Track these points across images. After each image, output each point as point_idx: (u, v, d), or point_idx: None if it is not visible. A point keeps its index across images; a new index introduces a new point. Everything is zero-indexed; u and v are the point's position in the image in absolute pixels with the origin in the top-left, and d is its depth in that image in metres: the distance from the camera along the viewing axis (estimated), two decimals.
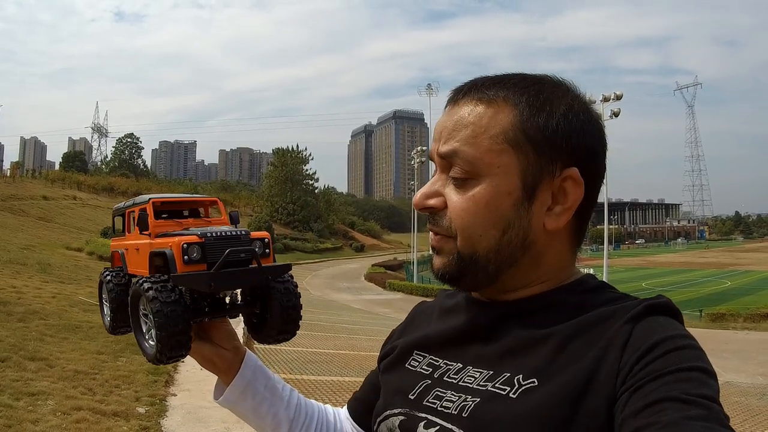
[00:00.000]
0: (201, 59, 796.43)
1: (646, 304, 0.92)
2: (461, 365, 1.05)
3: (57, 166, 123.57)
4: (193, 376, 9.11)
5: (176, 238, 1.28)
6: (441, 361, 1.09)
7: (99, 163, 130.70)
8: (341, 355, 13.88)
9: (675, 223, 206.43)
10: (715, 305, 30.86)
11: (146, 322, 1.31)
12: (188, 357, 1.29)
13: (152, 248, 1.35)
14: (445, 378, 1.05)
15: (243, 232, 1.35)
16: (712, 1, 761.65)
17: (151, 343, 1.29)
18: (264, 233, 1.39)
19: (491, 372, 0.98)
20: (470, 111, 1.00)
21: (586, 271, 1.17)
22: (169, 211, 1.50)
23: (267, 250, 1.36)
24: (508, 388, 0.93)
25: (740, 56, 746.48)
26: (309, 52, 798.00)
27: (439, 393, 1.03)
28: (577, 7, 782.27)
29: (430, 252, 1.11)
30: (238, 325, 1.46)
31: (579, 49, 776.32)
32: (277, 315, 1.38)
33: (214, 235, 1.30)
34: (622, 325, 0.90)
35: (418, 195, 1.05)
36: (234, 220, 1.52)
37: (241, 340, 1.39)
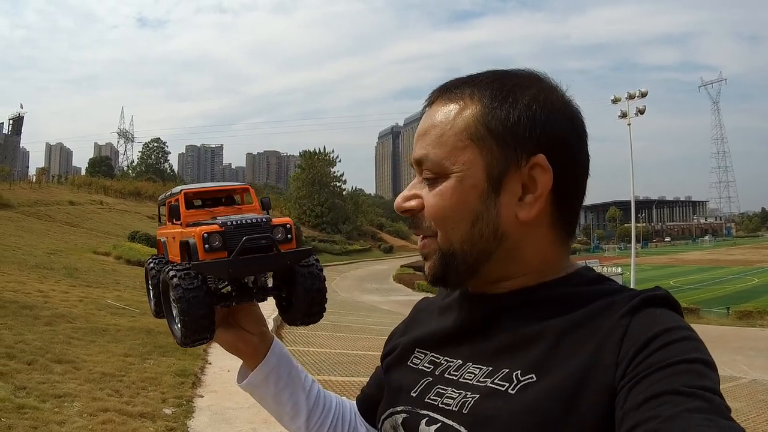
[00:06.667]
0: (224, 63, 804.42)
1: (642, 297, 0.92)
2: (461, 362, 1.06)
3: (83, 172, 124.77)
4: (220, 378, 9.17)
5: (198, 228, 1.34)
6: (442, 358, 1.10)
7: (126, 168, 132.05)
8: (369, 356, 13.85)
9: (702, 221, 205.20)
10: (742, 303, 30.53)
11: (175, 308, 1.36)
12: (214, 358, 1.32)
13: (181, 237, 1.41)
14: (445, 375, 1.06)
15: (263, 219, 1.38)
16: None
17: (177, 327, 1.35)
18: (286, 219, 1.43)
19: (490, 368, 0.99)
20: (439, 112, 1.04)
21: (614, 270, 1.17)
22: (203, 200, 1.57)
23: (289, 236, 1.40)
24: (507, 384, 0.94)
25: (764, 50, 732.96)
26: (332, 54, 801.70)
27: (440, 390, 1.04)
28: (600, 5, 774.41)
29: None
30: (270, 316, 1.48)
31: (603, 46, 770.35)
32: (301, 298, 1.41)
33: (234, 223, 1.35)
34: (619, 318, 0.89)
35: (397, 198, 1.09)
36: (265, 206, 1.56)
37: (271, 329, 1.42)
